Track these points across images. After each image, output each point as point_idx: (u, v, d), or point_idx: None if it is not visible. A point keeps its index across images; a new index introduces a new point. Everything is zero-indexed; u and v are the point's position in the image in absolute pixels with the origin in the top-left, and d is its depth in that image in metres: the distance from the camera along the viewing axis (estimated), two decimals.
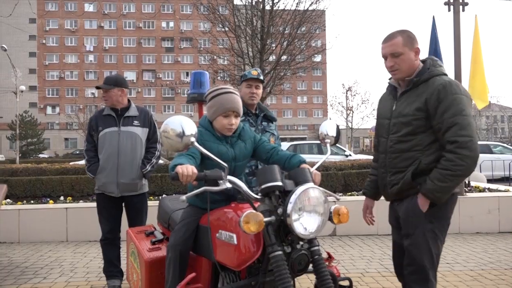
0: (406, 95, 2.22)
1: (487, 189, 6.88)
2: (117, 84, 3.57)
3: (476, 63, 7.48)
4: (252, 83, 3.15)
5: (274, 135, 3.30)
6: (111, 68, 61.86)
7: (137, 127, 3.52)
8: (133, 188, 3.52)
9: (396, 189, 2.24)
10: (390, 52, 2.19)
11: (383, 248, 5.09)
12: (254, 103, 3.21)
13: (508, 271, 4.15)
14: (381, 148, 2.35)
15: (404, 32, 2.21)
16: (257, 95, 3.18)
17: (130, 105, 3.65)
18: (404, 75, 2.20)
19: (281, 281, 1.61)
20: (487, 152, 14.63)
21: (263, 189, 1.79)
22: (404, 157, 2.18)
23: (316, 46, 14.45)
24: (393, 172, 2.25)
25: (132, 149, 3.47)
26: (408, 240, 2.22)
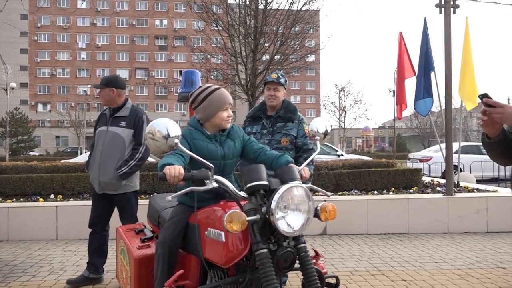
0: None
1: (476, 190, 6.97)
2: (108, 84, 3.66)
3: (466, 65, 7.57)
4: (271, 86, 3.40)
5: (289, 135, 3.41)
6: (103, 65, 61.51)
7: (122, 128, 3.59)
8: (112, 188, 3.61)
9: None
10: None
11: (373, 247, 5.14)
12: (274, 105, 3.42)
13: (494, 270, 4.21)
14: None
15: None
16: (276, 97, 3.40)
17: (123, 105, 3.70)
18: None
19: (265, 279, 1.63)
20: (477, 153, 14.78)
21: (248, 188, 1.82)
22: None
23: (310, 46, 14.50)
24: None
25: (113, 149, 3.56)
26: None
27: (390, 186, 6.94)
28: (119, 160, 3.56)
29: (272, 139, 3.41)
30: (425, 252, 4.93)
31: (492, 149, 2.11)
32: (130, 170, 3.56)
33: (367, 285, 3.79)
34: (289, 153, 3.40)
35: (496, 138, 2.03)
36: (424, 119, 35.69)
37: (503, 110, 1.89)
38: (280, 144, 3.39)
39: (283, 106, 3.48)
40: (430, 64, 7.38)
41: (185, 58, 60.39)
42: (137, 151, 3.59)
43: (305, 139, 3.45)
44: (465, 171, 12.07)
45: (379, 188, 6.90)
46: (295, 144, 3.44)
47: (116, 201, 3.72)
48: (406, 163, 14.24)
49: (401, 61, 7.90)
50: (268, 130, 3.43)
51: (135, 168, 3.59)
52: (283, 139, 3.38)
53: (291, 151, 3.44)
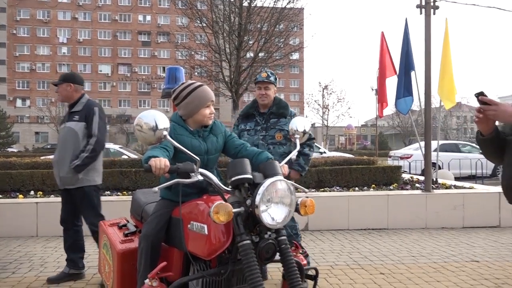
0: None
1: (453, 186, 7.16)
2: (65, 79, 3.70)
3: (445, 65, 7.76)
4: (261, 85, 3.53)
5: (283, 130, 3.54)
6: (85, 61, 60.51)
7: (75, 122, 3.62)
8: (70, 182, 3.63)
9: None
10: None
11: (353, 242, 5.25)
12: (265, 103, 3.56)
13: (469, 263, 4.37)
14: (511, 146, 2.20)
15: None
16: (268, 96, 3.53)
17: (78, 100, 3.71)
18: None
19: (248, 269, 1.68)
20: (456, 151, 15.16)
21: (233, 181, 1.86)
22: None
23: (294, 44, 14.58)
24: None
25: (67, 144, 3.60)
26: None
27: (371, 183, 7.07)
28: (74, 154, 3.57)
29: (266, 135, 3.55)
30: (403, 246, 5.06)
31: (486, 146, 2.22)
32: (83, 163, 3.53)
33: (346, 279, 3.89)
34: (283, 147, 3.56)
35: (489, 136, 2.15)
36: (406, 117, 36.29)
37: (497, 108, 2.01)
38: (274, 139, 3.54)
39: (274, 103, 3.61)
40: (411, 63, 7.54)
41: (169, 55, 59.87)
42: (88, 144, 3.57)
43: None
44: (443, 169, 12.36)
45: (360, 184, 7.03)
46: (289, 138, 3.46)
47: (72, 196, 3.71)
48: (387, 160, 14.49)
49: (383, 60, 8.05)
50: (262, 126, 3.57)
51: (87, 160, 3.55)
52: (277, 134, 3.53)
53: (285, 145, 3.58)
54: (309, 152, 3.64)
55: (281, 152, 3.58)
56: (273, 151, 3.51)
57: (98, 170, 3.76)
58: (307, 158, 3.65)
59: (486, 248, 4.97)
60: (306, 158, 3.64)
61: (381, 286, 3.71)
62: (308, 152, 3.64)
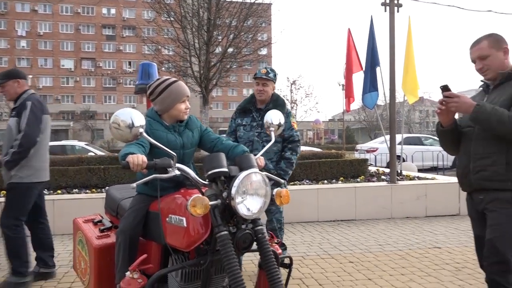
0: (497, 88, 2.30)
1: (417, 178, 7.48)
2: (10, 76, 3.59)
3: (408, 61, 8.05)
4: (260, 81, 3.56)
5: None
6: (46, 55, 58.19)
7: (12, 118, 3.55)
8: (6, 178, 3.56)
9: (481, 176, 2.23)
10: (478, 56, 2.30)
11: (323, 233, 5.41)
12: (263, 99, 3.59)
13: (431, 250, 4.61)
14: (466, 137, 2.35)
15: (490, 35, 2.31)
16: (265, 92, 3.56)
17: (20, 96, 3.61)
18: (494, 74, 2.29)
19: (226, 258, 1.75)
20: (419, 144, 15.75)
21: (209, 175, 1.91)
22: (492, 142, 2.20)
23: (262, 39, 14.65)
24: (477, 158, 2.25)
25: (5, 141, 3.54)
26: (494, 232, 2.20)
27: (339, 176, 7.28)
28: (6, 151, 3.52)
29: (261, 132, 3.55)
30: (370, 236, 5.27)
31: (445, 137, 2.41)
32: (11, 158, 3.42)
33: (318, 268, 4.02)
34: (277, 145, 3.58)
35: (449, 127, 2.34)
36: (371, 112, 37.23)
37: (459, 100, 2.19)
38: (269, 136, 3.49)
39: (272, 100, 3.63)
40: (376, 59, 7.78)
41: (135, 49, 58.51)
42: (16, 140, 3.44)
43: (291, 131, 3.61)
44: (407, 161, 12.83)
45: (328, 177, 7.21)
46: (282, 136, 3.57)
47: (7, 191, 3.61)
48: (354, 154, 14.87)
49: (350, 56, 8.24)
50: (258, 123, 3.58)
51: (15, 156, 3.41)
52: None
53: (279, 143, 3.61)
54: (290, 156, 3.59)
55: (275, 149, 3.59)
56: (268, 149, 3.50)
57: (33, 168, 3.54)
58: (289, 162, 3.59)
59: (447, 235, 5.26)
60: (288, 161, 3.59)
61: (350, 273, 3.87)
62: (290, 156, 3.59)
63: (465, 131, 2.37)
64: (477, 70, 2.36)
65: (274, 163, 3.60)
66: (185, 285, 1.98)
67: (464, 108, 2.19)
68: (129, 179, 6.68)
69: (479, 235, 2.37)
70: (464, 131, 2.37)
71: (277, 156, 3.62)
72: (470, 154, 2.29)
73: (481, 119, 2.14)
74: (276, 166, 3.59)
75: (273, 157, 3.61)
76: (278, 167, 3.58)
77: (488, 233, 2.23)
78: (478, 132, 2.26)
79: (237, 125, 3.71)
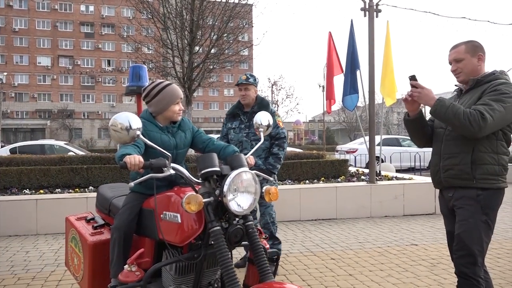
0: (468, 93, 2.44)
1: (395, 178, 7.73)
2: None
3: (387, 64, 8.29)
4: (242, 87, 3.89)
5: None
6: (21, 52, 56.72)
7: None
8: None
9: (449, 174, 2.38)
10: (454, 58, 2.45)
11: (305, 232, 5.56)
12: (247, 103, 3.90)
13: (409, 247, 4.82)
14: (437, 138, 2.51)
15: (468, 42, 2.45)
16: (248, 96, 3.88)
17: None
18: (466, 77, 2.43)
19: (219, 252, 1.85)
20: (397, 145, 16.13)
21: (203, 174, 2.01)
22: (459, 143, 2.35)
23: (244, 41, 14.74)
24: (446, 157, 2.41)
25: None
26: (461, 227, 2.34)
27: (320, 176, 7.45)
28: None
29: (249, 132, 3.85)
30: (351, 234, 5.45)
31: (410, 126, 2.59)
32: None
33: (301, 265, 4.16)
34: (265, 143, 3.79)
35: (414, 117, 2.52)
36: (351, 113, 37.81)
37: (421, 91, 2.37)
38: (256, 136, 3.79)
39: (257, 102, 3.93)
40: (356, 62, 8.00)
41: (114, 47, 57.71)
42: None
43: (277, 129, 3.89)
44: (386, 162, 13.15)
45: (310, 177, 7.38)
46: (270, 135, 3.84)
47: None
48: (335, 154, 15.13)
49: (330, 59, 8.44)
50: (245, 124, 3.89)
51: None
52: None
53: (267, 141, 3.87)
54: (278, 151, 3.88)
55: (263, 147, 3.86)
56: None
57: None
58: (276, 157, 3.86)
59: (423, 233, 5.48)
60: (275, 157, 3.86)
61: (332, 270, 4.02)
62: (277, 151, 3.88)
63: (437, 131, 2.53)
64: (451, 71, 2.50)
65: (263, 159, 3.87)
66: (179, 278, 2.08)
67: (425, 100, 2.35)
68: (112, 179, 6.69)
69: (450, 230, 2.52)
70: (436, 131, 2.54)
71: (265, 153, 3.89)
72: (441, 153, 2.45)
73: (439, 112, 2.28)
74: (265, 162, 3.85)
75: (261, 153, 3.88)
76: (267, 163, 3.85)
77: (456, 228, 2.38)
78: (447, 133, 2.42)
79: (228, 129, 4.02)
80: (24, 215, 5.50)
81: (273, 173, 3.86)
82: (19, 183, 6.45)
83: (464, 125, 2.21)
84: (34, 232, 5.50)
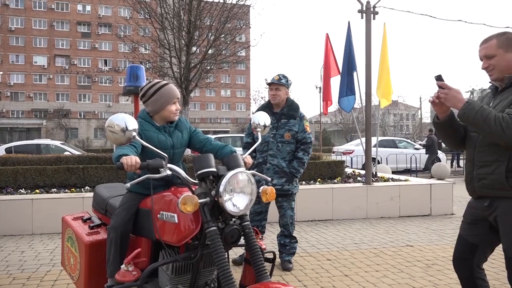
0: (505, 91, 2.18)
1: (391, 179, 7.75)
2: None
3: (383, 66, 8.34)
4: (273, 86, 3.94)
5: (291, 130, 3.90)
6: (17, 51, 56.49)
7: None
8: None
9: (483, 184, 2.19)
10: (484, 55, 2.19)
11: (301, 233, 5.57)
12: (277, 103, 3.95)
13: (404, 248, 4.84)
14: (470, 143, 2.29)
15: (502, 34, 2.17)
16: (278, 96, 3.93)
17: None
18: (499, 75, 2.17)
19: (215, 252, 1.86)
20: (393, 147, 16.21)
21: (199, 174, 2.02)
22: (493, 150, 2.14)
23: (242, 41, 14.75)
24: (480, 165, 2.21)
25: None
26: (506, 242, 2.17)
27: (317, 177, 7.47)
28: None
29: (276, 134, 3.90)
30: (346, 235, 5.47)
31: (439, 129, 2.36)
32: None
33: (297, 265, 4.17)
34: (290, 146, 3.91)
35: (443, 119, 2.29)
36: (347, 115, 37.90)
37: (448, 92, 2.14)
38: (283, 138, 3.90)
39: (287, 104, 3.99)
40: (353, 64, 8.02)
41: (111, 47, 57.57)
42: None
43: (304, 134, 3.96)
44: (382, 163, 13.19)
45: (306, 178, 7.39)
46: (296, 138, 3.92)
47: None
48: (331, 156, 15.17)
49: (327, 60, 8.46)
50: (273, 125, 3.91)
51: None
52: (286, 133, 3.90)
53: (292, 144, 3.93)
54: (302, 156, 3.95)
55: (289, 150, 3.92)
56: (281, 149, 3.90)
57: None
58: (301, 161, 3.94)
59: (419, 234, 5.51)
60: (299, 161, 3.94)
61: (328, 270, 4.03)
62: (302, 156, 3.95)
63: (470, 135, 2.30)
64: (483, 69, 2.25)
65: (287, 162, 3.93)
66: (176, 278, 2.08)
67: (453, 102, 2.13)
68: (108, 179, 6.68)
69: (464, 237, 2.37)
70: (470, 135, 2.31)
71: (290, 156, 3.96)
72: (474, 161, 2.25)
73: (467, 116, 2.06)
74: (288, 165, 3.92)
75: (286, 156, 3.95)
76: (291, 166, 3.92)
77: (502, 242, 2.19)
78: (481, 139, 2.20)
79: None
80: (20, 215, 5.48)
81: (295, 177, 3.93)
82: (14, 183, 6.42)
83: (496, 131, 2.00)
84: (29, 232, 5.48)
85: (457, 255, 2.41)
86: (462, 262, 2.37)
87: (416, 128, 50.06)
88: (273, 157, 3.92)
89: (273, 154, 3.92)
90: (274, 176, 3.89)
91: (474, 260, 2.33)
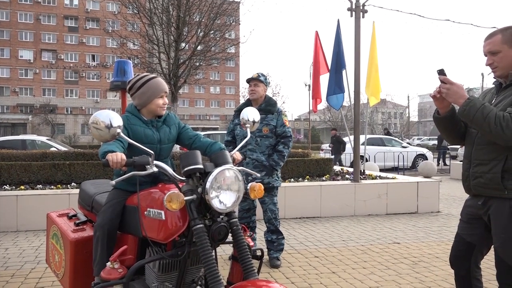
0: (508, 88, 2.14)
1: (379, 177, 7.81)
2: None
3: (372, 65, 8.38)
4: (252, 83, 4.06)
5: (269, 125, 4.00)
6: (3, 45, 55.45)
7: None
8: None
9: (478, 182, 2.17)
10: (488, 51, 2.14)
11: (289, 230, 5.58)
12: (255, 98, 4.07)
13: (391, 245, 4.88)
14: (469, 140, 2.26)
15: (507, 29, 2.12)
16: (257, 92, 4.05)
17: None
18: (504, 72, 2.13)
19: (202, 250, 1.85)
20: (381, 145, 16.36)
21: (185, 171, 2.00)
22: (491, 149, 2.10)
23: (231, 38, 14.69)
24: (476, 163, 2.18)
25: None
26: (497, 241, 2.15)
27: (305, 174, 7.49)
28: None
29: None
30: (334, 232, 5.49)
31: (439, 124, 2.33)
32: None
33: (285, 262, 4.18)
34: (269, 140, 4.02)
35: (443, 115, 2.25)
36: (336, 112, 38.06)
37: (450, 87, 2.08)
38: (262, 132, 4.00)
39: (265, 100, 4.09)
40: (342, 62, 8.04)
41: (99, 42, 56.87)
42: None
43: (283, 128, 4.05)
44: (370, 161, 13.30)
45: (295, 176, 7.40)
46: (275, 132, 4.02)
47: None
48: (320, 153, 15.23)
49: (317, 58, 8.48)
50: None
51: None
52: (264, 128, 4.00)
53: (271, 138, 4.03)
54: (282, 149, 4.03)
55: (267, 144, 4.01)
56: (260, 143, 4.00)
57: None
58: (281, 154, 4.02)
59: (405, 232, 5.56)
60: (280, 154, 4.01)
61: (316, 267, 4.05)
62: (282, 149, 4.03)
63: (469, 131, 2.28)
64: (487, 65, 2.20)
65: (266, 155, 4.01)
66: (162, 275, 2.06)
67: (454, 98, 2.10)
68: (95, 175, 6.60)
69: (461, 235, 2.36)
70: (469, 131, 2.28)
71: (269, 150, 4.05)
72: (471, 158, 2.23)
73: (467, 114, 2.03)
74: (268, 158, 4.00)
75: (265, 150, 4.03)
76: (271, 159, 3.99)
77: (494, 241, 2.18)
78: (479, 136, 2.17)
79: (234, 125, 4.20)
80: (4, 211, 5.39)
81: (275, 169, 4.01)
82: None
83: (496, 131, 1.96)
84: (14, 229, 5.39)
85: (454, 253, 2.39)
86: (460, 260, 2.36)
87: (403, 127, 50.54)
88: (252, 151, 4.01)
89: (252, 148, 4.01)
90: (254, 171, 3.90)
91: (472, 259, 2.32)
